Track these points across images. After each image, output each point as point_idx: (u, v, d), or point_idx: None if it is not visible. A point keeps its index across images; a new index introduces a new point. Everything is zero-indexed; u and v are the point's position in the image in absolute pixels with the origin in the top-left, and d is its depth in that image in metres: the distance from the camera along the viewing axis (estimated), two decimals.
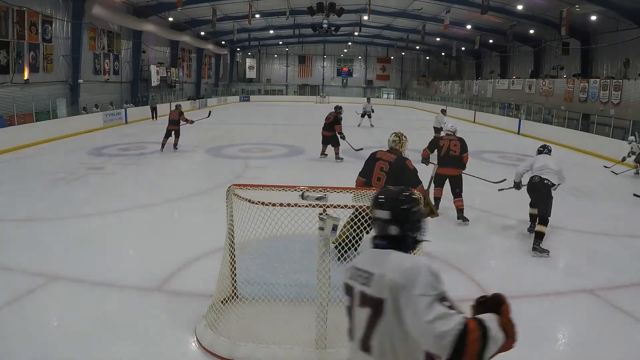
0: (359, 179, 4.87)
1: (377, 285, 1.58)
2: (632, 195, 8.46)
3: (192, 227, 6.05)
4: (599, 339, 3.59)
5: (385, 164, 4.64)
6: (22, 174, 9.22)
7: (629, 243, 5.90)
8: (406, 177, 4.49)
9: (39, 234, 5.72)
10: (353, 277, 1.71)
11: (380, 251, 1.69)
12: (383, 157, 4.70)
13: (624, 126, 13.60)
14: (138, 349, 3.33)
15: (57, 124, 14.52)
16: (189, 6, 24.06)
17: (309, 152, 12.64)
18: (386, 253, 1.66)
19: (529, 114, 20.41)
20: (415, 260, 1.59)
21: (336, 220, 3.08)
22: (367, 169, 4.77)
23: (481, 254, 5.47)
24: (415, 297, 1.46)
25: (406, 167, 4.60)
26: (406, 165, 4.62)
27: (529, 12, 21.99)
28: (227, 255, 3.68)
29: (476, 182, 9.38)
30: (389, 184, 4.32)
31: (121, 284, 4.28)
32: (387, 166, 4.61)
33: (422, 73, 45.89)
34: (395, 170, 4.56)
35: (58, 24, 17.38)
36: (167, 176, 9.48)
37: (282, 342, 3.19)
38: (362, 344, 1.64)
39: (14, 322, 3.63)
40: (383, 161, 4.67)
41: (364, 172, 4.82)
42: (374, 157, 4.77)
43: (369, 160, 4.82)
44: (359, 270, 1.69)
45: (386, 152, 4.77)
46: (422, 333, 1.45)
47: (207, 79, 38.11)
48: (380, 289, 1.57)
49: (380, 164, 4.67)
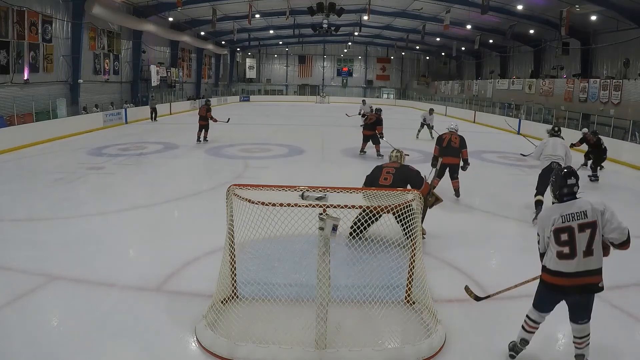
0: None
1: (592, 214, 2.88)
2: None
3: (192, 227, 6.05)
4: (599, 339, 3.59)
5: (391, 169, 5.31)
6: (22, 174, 9.22)
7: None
8: (411, 178, 5.24)
9: (39, 234, 5.72)
10: (567, 221, 2.91)
11: (573, 201, 2.97)
12: (388, 166, 5.41)
13: (624, 126, 13.59)
14: (138, 349, 3.33)
15: (57, 124, 14.51)
16: (189, 6, 24.06)
17: (309, 152, 12.65)
18: (577, 200, 2.97)
19: (529, 114, 20.41)
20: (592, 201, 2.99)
21: (336, 220, 3.08)
22: (372, 177, 5.34)
23: (481, 254, 5.47)
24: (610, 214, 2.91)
25: (410, 170, 5.37)
26: (409, 169, 5.39)
27: (528, 12, 21.99)
28: (227, 255, 3.68)
29: (477, 182, 9.39)
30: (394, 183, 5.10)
31: (121, 284, 4.28)
32: (393, 170, 5.29)
33: (422, 73, 45.90)
34: (400, 175, 5.23)
35: (58, 24, 17.37)
36: (167, 176, 9.48)
37: (282, 342, 3.19)
38: (587, 252, 2.87)
39: (14, 322, 3.62)
40: (388, 168, 5.34)
41: (369, 181, 5.36)
42: (380, 167, 5.45)
43: (374, 171, 5.42)
44: (571, 214, 2.91)
45: (389, 163, 5.50)
46: (617, 230, 2.89)
47: (207, 79, 38.10)
48: (593, 215, 2.88)
49: (386, 170, 5.32)
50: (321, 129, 19.10)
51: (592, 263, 2.87)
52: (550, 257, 2.98)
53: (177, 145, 13.35)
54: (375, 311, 3.54)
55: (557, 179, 3.02)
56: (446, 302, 4.01)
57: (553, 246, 2.95)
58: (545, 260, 3.04)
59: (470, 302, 3.99)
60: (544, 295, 3.10)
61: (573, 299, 3.00)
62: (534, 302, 3.18)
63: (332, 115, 21.53)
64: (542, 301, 3.12)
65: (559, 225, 2.92)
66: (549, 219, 2.99)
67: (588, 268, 2.87)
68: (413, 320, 3.63)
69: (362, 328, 3.50)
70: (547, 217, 3.02)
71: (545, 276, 3.03)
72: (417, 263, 3.65)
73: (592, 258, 2.86)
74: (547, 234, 3.00)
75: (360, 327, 3.51)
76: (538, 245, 3.15)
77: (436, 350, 3.26)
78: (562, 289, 2.97)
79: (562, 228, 2.90)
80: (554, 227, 2.94)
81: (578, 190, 3.02)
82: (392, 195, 3.66)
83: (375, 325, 3.53)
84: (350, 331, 3.42)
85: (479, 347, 3.43)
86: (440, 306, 3.80)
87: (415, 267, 3.68)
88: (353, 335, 3.35)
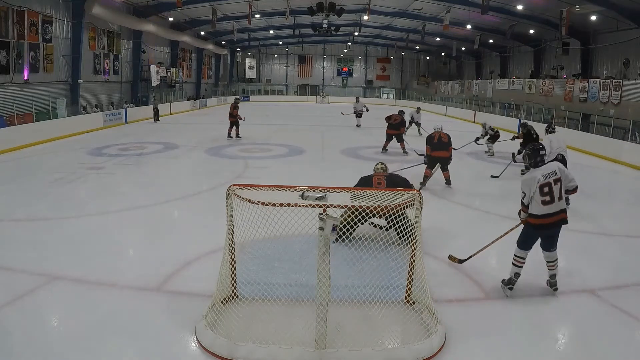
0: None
1: (559, 172, 4.05)
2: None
3: (192, 227, 6.06)
4: (599, 339, 3.59)
5: (381, 177, 5.66)
6: (22, 174, 9.22)
7: (629, 243, 5.89)
8: (400, 184, 5.59)
9: (39, 234, 5.72)
10: (547, 179, 4.02)
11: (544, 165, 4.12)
12: (378, 174, 5.74)
13: (624, 126, 13.59)
14: (138, 349, 3.33)
15: (57, 124, 14.51)
16: (189, 6, 24.06)
17: (309, 152, 12.65)
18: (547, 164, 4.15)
19: (529, 114, 20.40)
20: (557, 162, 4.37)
21: (336, 220, 3.08)
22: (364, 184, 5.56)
23: (481, 254, 5.46)
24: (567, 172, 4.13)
25: (398, 176, 5.87)
26: (398, 177, 5.86)
27: (528, 12, 21.98)
28: (227, 255, 3.68)
29: (477, 182, 9.40)
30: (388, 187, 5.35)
31: (121, 284, 4.28)
32: (384, 177, 5.65)
33: (422, 73, 45.90)
34: (391, 182, 5.60)
35: (58, 24, 17.37)
36: (167, 176, 9.48)
37: (282, 342, 3.19)
38: (559, 198, 4.03)
39: (14, 322, 3.63)
40: (378, 176, 5.67)
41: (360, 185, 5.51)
42: (370, 176, 5.75)
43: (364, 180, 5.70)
44: (548, 174, 4.04)
45: (377, 173, 5.80)
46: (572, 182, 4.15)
47: (207, 79, 38.10)
48: (559, 173, 4.05)
49: (377, 178, 5.63)
50: (321, 129, 19.09)
51: (562, 204, 4.11)
52: (535, 206, 4.08)
53: (177, 145, 13.35)
54: (375, 311, 3.54)
55: (533, 152, 4.20)
56: (446, 302, 4.01)
57: (538, 198, 4.05)
58: (531, 209, 4.11)
59: (471, 302, 4.00)
60: (530, 236, 4.21)
61: (550, 232, 4.14)
62: (519, 244, 4.27)
63: (332, 115, 21.52)
64: (527, 241, 4.23)
65: (542, 182, 4.05)
66: (534, 179, 4.08)
67: (561, 208, 4.09)
68: (413, 320, 3.63)
69: (362, 328, 3.50)
70: (532, 178, 4.10)
71: (533, 220, 4.12)
72: (417, 263, 3.65)
73: (562, 201, 4.12)
74: (533, 190, 4.06)
75: (360, 327, 3.51)
76: (522, 200, 4.18)
77: (436, 351, 3.26)
78: (546, 226, 4.10)
79: (544, 184, 4.05)
80: (539, 184, 4.04)
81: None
82: (391, 195, 3.66)
83: (375, 325, 3.53)
84: (350, 331, 3.42)
85: (479, 347, 3.43)
86: (440, 306, 3.80)
87: (415, 267, 3.68)
88: (353, 335, 3.35)
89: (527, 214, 4.14)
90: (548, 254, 4.22)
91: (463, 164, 11.41)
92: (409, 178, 6.09)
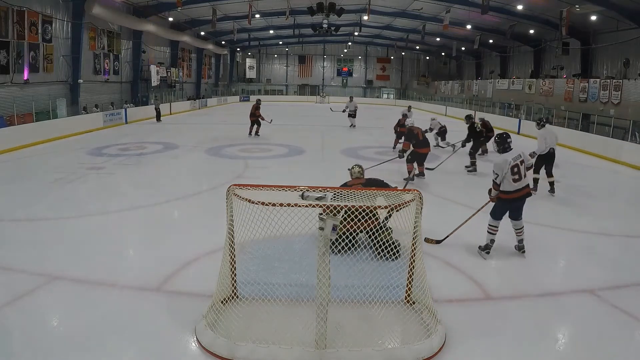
0: None
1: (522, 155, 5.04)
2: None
3: (192, 227, 6.06)
4: (599, 339, 3.59)
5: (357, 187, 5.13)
6: (22, 174, 9.22)
7: (629, 243, 5.90)
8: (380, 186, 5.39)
9: (39, 234, 5.72)
10: (515, 161, 4.90)
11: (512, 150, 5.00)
12: (355, 183, 5.39)
13: (624, 126, 13.59)
14: (138, 349, 3.33)
15: (57, 124, 14.51)
16: (189, 6, 24.05)
17: (309, 152, 12.65)
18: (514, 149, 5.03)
19: (529, 114, 20.40)
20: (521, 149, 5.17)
21: (336, 220, 3.08)
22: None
23: (481, 255, 5.46)
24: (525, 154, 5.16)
25: (377, 180, 5.67)
26: (376, 181, 5.65)
27: (528, 12, 21.98)
28: (227, 255, 3.68)
29: (477, 182, 9.39)
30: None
31: (121, 284, 4.28)
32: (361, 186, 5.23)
33: (422, 73, 45.89)
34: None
35: (58, 24, 17.37)
36: (167, 176, 9.48)
37: (282, 342, 3.19)
38: (524, 175, 4.96)
39: (14, 322, 3.63)
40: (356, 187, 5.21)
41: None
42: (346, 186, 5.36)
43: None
44: (516, 157, 4.93)
45: (354, 180, 5.51)
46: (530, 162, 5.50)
47: (207, 79, 38.09)
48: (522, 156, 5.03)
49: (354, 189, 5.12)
50: (321, 129, 19.09)
51: (526, 180, 5.07)
52: (507, 184, 4.94)
53: (177, 145, 13.35)
54: (375, 311, 3.54)
55: (502, 140, 5.10)
56: (446, 302, 4.01)
57: (509, 177, 4.93)
58: (504, 187, 4.97)
59: (471, 302, 4.00)
60: (502, 208, 5.09)
61: (519, 204, 5.07)
62: (493, 216, 5.13)
63: (333, 115, 21.51)
64: (499, 212, 5.11)
65: (512, 164, 4.94)
66: (506, 162, 4.94)
67: (526, 183, 5.05)
68: (413, 320, 3.63)
69: (362, 328, 3.50)
70: (505, 161, 4.95)
71: (506, 195, 4.99)
72: (417, 263, 3.65)
73: (526, 178, 5.05)
74: (505, 171, 4.91)
75: (360, 327, 3.51)
76: (495, 181, 4.97)
77: (436, 351, 3.26)
78: (517, 199, 5.01)
79: (514, 165, 4.94)
80: (510, 166, 4.92)
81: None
82: (391, 195, 3.66)
83: (375, 325, 3.53)
84: (350, 331, 3.42)
85: (478, 347, 3.43)
86: (440, 306, 3.80)
87: (415, 267, 3.68)
88: (353, 335, 3.35)
89: (498, 192, 5.02)
90: (516, 222, 5.13)
91: (463, 163, 11.42)
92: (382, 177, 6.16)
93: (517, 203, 5.02)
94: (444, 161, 10.40)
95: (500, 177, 4.91)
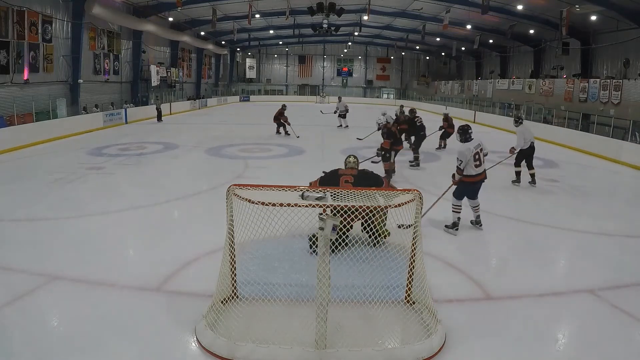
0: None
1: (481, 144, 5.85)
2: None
3: (192, 227, 6.05)
4: (599, 339, 3.60)
5: (349, 177, 5.14)
6: (22, 174, 9.22)
7: (629, 243, 5.90)
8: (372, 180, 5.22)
9: (39, 234, 5.72)
10: (476, 149, 5.71)
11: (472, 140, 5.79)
12: (346, 173, 5.21)
13: (624, 126, 13.59)
14: (138, 349, 3.33)
15: (57, 124, 14.51)
16: (189, 6, 24.05)
17: (309, 152, 12.65)
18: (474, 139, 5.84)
19: (529, 114, 20.40)
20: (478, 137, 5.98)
21: (336, 220, 3.08)
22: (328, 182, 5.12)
23: (481, 254, 5.47)
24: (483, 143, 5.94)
25: (368, 173, 5.42)
26: (367, 172, 5.42)
27: (528, 12, 21.98)
28: (227, 255, 3.68)
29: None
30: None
31: (121, 284, 4.28)
32: (352, 178, 5.12)
33: (422, 73, 45.88)
34: (360, 181, 5.09)
35: (58, 24, 17.37)
36: (167, 176, 9.48)
37: (282, 342, 3.19)
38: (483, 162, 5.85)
39: (14, 322, 3.63)
40: (346, 176, 5.15)
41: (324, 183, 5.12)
42: (336, 174, 5.24)
43: (329, 177, 5.25)
44: (477, 146, 5.74)
45: (346, 170, 5.33)
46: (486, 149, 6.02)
47: (207, 79, 38.10)
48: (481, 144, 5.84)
49: (344, 178, 5.13)
50: (321, 129, 19.08)
51: (484, 166, 5.86)
52: (470, 169, 5.70)
53: (177, 145, 13.35)
54: (375, 311, 3.54)
55: (464, 132, 5.87)
56: (446, 302, 4.01)
57: (472, 163, 5.70)
58: (466, 172, 5.72)
59: (471, 302, 4.00)
60: (464, 190, 5.84)
61: (478, 186, 5.85)
62: (456, 196, 5.86)
63: (332, 115, 21.50)
64: (462, 193, 5.85)
65: (474, 152, 5.67)
66: (469, 150, 5.68)
67: (484, 169, 5.85)
68: (413, 320, 3.63)
69: (362, 328, 3.50)
70: (468, 149, 5.69)
71: (468, 179, 5.76)
72: (417, 263, 3.65)
73: (484, 164, 5.85)
74: (468, 158, 5.65)
75: (360, 327, 3.51)
76: (459, 167, 5.69)
77: (436, 351, 3.26)
78: (476, 182, 5.80)
79: (475, 153, 5.69)
80: (472, 154, 5.66)
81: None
82: (390, 195, 3.66)
83: (375, 325, 3.53)
84: (350, 331, 3.42)
85: (478, 347, 3.43)
86: (440, 306, 3.80)
87: (415, 267, 3.68)
88: (353, 335, 3.35)
89: (461, 176, 5.75)
90: (473, 201, 5.92)
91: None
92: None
93: (477, 185, 5.83)
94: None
95: (464, 163, 5.65)
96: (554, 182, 9.30)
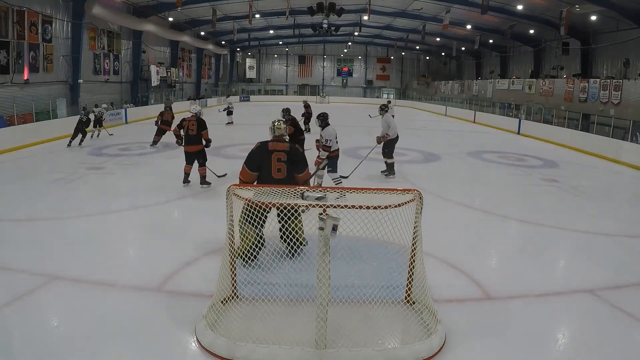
0: (249, 173, 4.66)
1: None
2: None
3: (192, 227, 6.05)
4: (599, 339, 3.59)
5: (282, 154, 4.60)
6: (22, 174, 9.21)
7: (629, 243, 5.90)
8: (299, 164, 4.68)
9: (39, 234, 5.72)
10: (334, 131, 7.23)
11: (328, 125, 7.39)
12: (277, 148, 4.62)
13: (624, 126, 13.59)
14: (138, 349, 3.32)
15: (57, 124, 14.50)
16: (189, 6, 24.06)
17: (308, 152, 12.60)
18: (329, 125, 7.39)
19: (529, 114, 20.41)
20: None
21: (336, 220, 3.08)
22: (260, 163, 4.65)
23: (481, 254, 5.47)
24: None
25: (299, 152, 4.78)
26: (298, 150, 4.79)
27: (528, 12, 21.99)
28: (227, 255, 3.68)
29: (476, 182, 9.40)
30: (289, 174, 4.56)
31: (121, 284, 4.27)
32: (285, 156, 4.59)
33: (422, 73, 45.90)
34: (292, 158, 4.62)
35: (58, 24, 17.37)
36: (167, 176, 9.46)
37: (282, 342, 3.18)
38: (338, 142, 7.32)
39: (14, 322, 3.62)
40: (278, 152, 4.60)
41: (254, 165, 4.66)
42: (267, 150, 4.63)
43: (260, 153, 4.66)
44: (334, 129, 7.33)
45: (277, 143, 4.70)
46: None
47: (207, 79, 38.11)
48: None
49: (277, 155, 4.59)
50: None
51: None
52: (333, 145, 7.05)
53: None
54: (375, 311, 3.54)
55: (324, 118, 7.26)
56: (446, 302, 4.01)
57: (336, 141, 7.08)
58: (333, 148, 7.05)
59: (471, 302, 4.00)
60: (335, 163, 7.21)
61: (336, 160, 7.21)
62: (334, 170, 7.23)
63: (332, 116, 21.50)
64: (335, 166, 7.20)
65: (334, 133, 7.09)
66: (334, 131, 7.11)
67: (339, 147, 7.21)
68: (413, 320, 3.63)
69: (362, 328, 3.50)
70: (334, 130, 7.12)
71: (334, 153, 7.13)
72: (417, 263, 3.65)
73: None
74: (334, 137, 7.02)
75: (360, 327, 3.51)
76: (329, 145, 7.00)
77: (436, 351, 3.25)
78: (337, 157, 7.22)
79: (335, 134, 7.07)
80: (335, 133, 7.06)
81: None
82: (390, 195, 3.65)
83: (375, 325, 3.52)
84: (350, 331, 3.42)
85: (478, 347, 3.42)
86: (440, 306, 3.80)
87: (415, 267, 3.67)
88: (353, 335, 3.35)
89: (329, 152, 7.01)
90: (334, 175, 7.22)
91: (463, 164, 11.42)
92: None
93: (337, 159, 7.25)
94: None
95: (332, 141, 7.00)
96: (554, 182, 9.30)
